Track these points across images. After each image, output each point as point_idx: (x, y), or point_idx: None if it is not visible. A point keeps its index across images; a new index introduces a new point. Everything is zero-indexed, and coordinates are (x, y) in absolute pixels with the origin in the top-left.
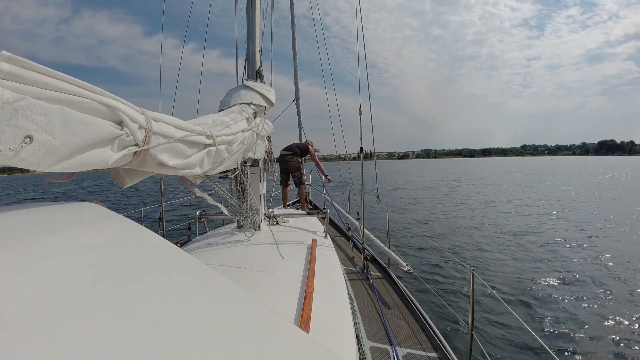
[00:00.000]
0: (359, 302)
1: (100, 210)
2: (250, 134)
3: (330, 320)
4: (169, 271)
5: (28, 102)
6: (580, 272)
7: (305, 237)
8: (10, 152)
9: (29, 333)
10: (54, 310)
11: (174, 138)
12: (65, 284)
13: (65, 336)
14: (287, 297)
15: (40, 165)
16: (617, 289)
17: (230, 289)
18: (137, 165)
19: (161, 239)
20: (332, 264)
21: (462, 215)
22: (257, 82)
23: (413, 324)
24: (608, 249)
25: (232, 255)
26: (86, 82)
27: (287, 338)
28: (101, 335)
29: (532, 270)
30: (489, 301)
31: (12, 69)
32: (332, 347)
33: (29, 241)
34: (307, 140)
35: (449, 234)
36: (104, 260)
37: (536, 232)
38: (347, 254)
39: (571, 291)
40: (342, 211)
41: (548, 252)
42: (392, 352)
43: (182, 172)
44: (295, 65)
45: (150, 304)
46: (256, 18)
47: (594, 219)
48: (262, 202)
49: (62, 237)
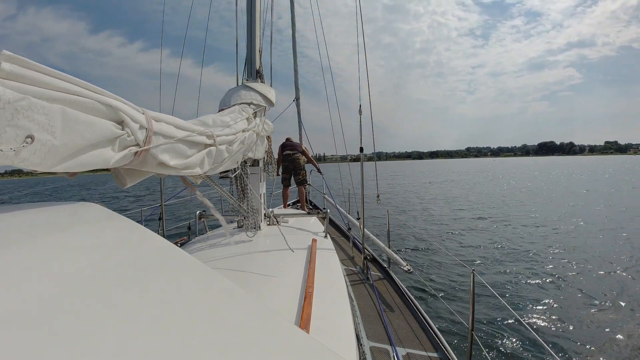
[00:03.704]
0: (359, 302)
1: (100, 210)
2: (250, 134)
3: (330, 320)
4: (169, 271)
5: (29, 101)
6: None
7: (305, 237)
8: (11, 152)
9: (30, 333)
10: (55, 310)
11: (174, 138)
12: (66, 284)
13: (66, 336)
14: (287, 297)
15: (42, 166)
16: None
17: (230, 289)
18: (138, 165)
19: (162, 239)
20: (332, 264)
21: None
22: (257, 82)
23: (413, 323)
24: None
25: (232, 255)
26: (87, 82)
27: (287, 338)
28: (102, 335)
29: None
30: (489, 301)
31: (13, 68)
32: (332, 347)
33: (30, 241)
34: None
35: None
36: (105, 261)
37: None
38: (347, 254)
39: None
40: (342, 211)
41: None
42: (392, 352)
43: (182, 172)
44: (295, 65)
45: (150, 304)
46: (256, 18)
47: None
48: (262, 202)
49: (63, 237)
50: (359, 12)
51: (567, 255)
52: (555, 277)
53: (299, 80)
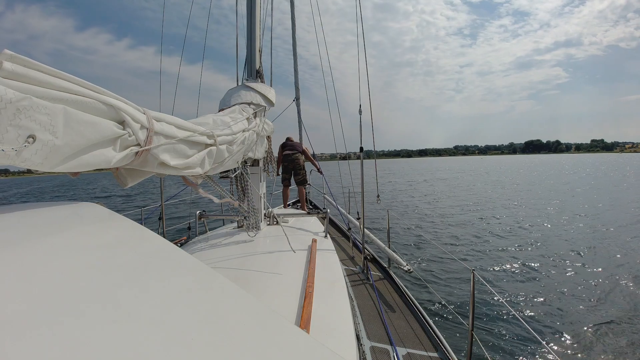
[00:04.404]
0: (359, 302)
1: (101, 210)
2: (250, 134)
3: (330, 320)
4: (169, 271)
5: (31, 101)
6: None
7: (306, 237)
8: (12, 152)
9: (31, 333)
10: (56, 310)
11: (175, 138)
12: (66, 284)
13: (66, 336)
14: (287, 297)
15: (43, 165)
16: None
17: (230, 289)
18: (139, 165)
19: (162, 239)
20: (332, 264)
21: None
22: (257, 82)
23: (413, 323)
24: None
25: (232, 255)
26: (89, 82)
27: (287, 338)
28: (102, 335)
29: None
30: (489, 301)
31: (15, 67)
32: (332, 347)
33: (31, 241)
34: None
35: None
36: (105, 261)
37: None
38: (347, 253)
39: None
40: (342, 211)
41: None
42: (392, 352)
43: (183, 172)
44: (295, 65)
45: (151, 304)
46: (256, 18)
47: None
48: (262, 202)
49: (63, 237)
50: (358, 12)
51: (568, 254)
52: (555, 276)
53: (299, 81)
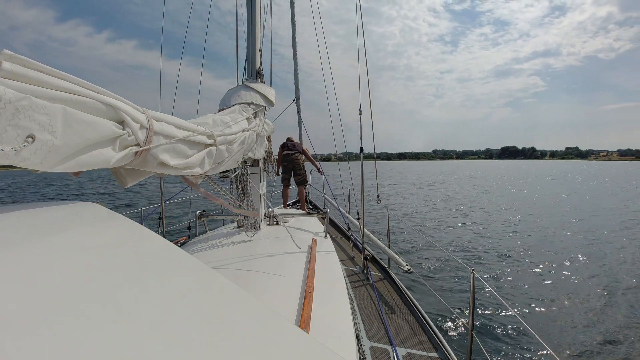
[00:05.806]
0: (359, 302)
1: (101, 210)
2: (250, 134)
3: (330, 320)
4: (170, 271)
5: (30, 101)
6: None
7: (306, 237)
8: (12, 151)
9: (31, 333)
10: (56, 310)
11: (175, 138)
12: (66, 284)
13: (66, 336)
14: (287, 297)
15: (42, 165)
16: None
17: (230, 289)
18: (139, 165)
19: (162, 239)
20: (332, 264)
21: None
22: (257, 82)
23: (413, 323)
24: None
25: (232, 255)
26: (88, 82)
27: (287, 338)
28: (102, 335)
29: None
30: (489, 300)
31: (14, 67)
32: (332, 347)
33: (31, 241)
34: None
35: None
36: (105, 261)
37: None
38: (347, 254)
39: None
40: (342, 211)
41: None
42: (392, 352)
43: (183, 172)
44: (295, 65)
45: (151, 304)
46: (257, 18)
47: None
48: (262, 202)
49: (63, 237)
50: (358, 11)
51: (568, 254)
52: (555, 277)
53: (298, 81)
